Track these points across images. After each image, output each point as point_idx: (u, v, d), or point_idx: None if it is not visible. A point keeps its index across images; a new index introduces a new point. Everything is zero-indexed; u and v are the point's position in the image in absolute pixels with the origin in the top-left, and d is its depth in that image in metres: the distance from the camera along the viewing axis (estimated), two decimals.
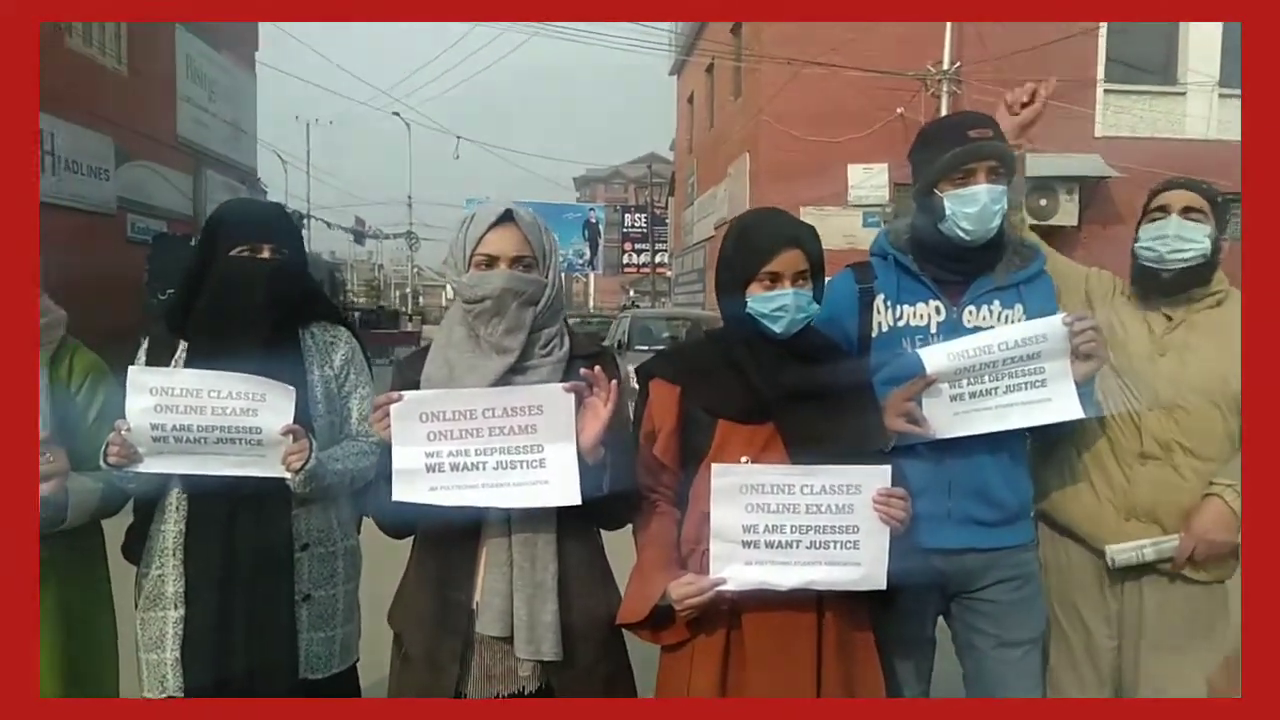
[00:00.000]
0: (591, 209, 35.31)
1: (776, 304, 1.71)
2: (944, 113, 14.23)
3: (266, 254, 1.93)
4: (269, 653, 1.88)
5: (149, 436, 1.80)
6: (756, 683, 1.69)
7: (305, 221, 27.17)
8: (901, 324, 1.99)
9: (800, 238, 1.74)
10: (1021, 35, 13.14)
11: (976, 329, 1.95)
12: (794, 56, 14.28)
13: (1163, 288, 2.06)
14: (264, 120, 20.43)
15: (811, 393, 1.74)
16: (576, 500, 1.66)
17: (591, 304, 44.52)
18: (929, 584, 1.93)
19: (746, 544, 1.65)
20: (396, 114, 35.86)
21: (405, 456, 1.68)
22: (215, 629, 1.86)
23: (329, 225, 34.93)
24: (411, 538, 1.86)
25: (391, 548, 1.90)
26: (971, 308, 1.98)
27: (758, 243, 1.75)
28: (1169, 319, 2.08)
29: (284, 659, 1.89)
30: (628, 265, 36.69)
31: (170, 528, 1.90)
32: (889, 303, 2.00)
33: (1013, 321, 1.97)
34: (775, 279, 1.72)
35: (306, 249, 2.17)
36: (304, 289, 2.03)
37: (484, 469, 1.68)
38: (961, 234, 1.92)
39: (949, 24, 14.26)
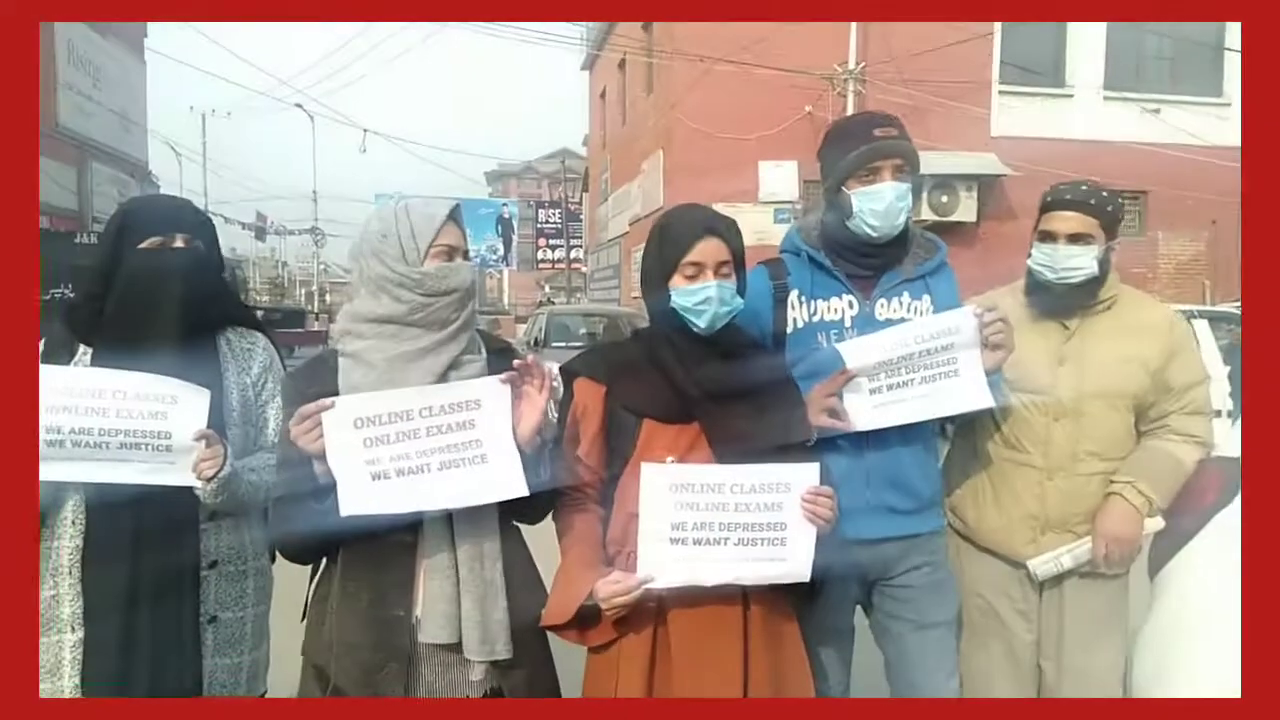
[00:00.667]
0: (505, 204, 34.86)
1: (700, 297, 1.71)
2: (850, 111, 14.62)
3: (180, 243, 1.81)
4: (171, 678, 1.77)
5: (43, 441, 1.67)
6: (684, 680, 1.68)
7: None
8: (816, 319, 2.02)
9: (718, 228, 1.75)
10: (922, 38, 13.62)
11: (889, 321, 2.00)
12: (705, 54, 14.42)
13: (1056, 301, 2.14)
14: (155, 110, 19.45)
15: (736, 392, 1.75)
16: (524, 492, 1.62)
17: (506, 300, 44.01)
18: (851, 574, 1.98)
19: (674, 541, 1.65)
20: (299, 105, 34.57)
21: (346, 467, 1.58)
22: (117, 651, 1.74)
23: (227, 221, 33.50)
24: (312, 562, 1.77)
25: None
26: (883, 300, 2.03)
27: (677, 234, 1.75)
28: (1065, 328, 2.15)
29: (186, 686, 1.79)
30: (542, 261, 36.41)
31: (66, 544, 1.77)
32: (803, 298, 2.03)
33: (921, 312, 2.02)
34: (697, 270, 1.72)
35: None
36: (220, 289, 1.94)
37: (428, 471, 1.61)
38: (869, 230, 1.96)
39: (854, 26, 14.64)
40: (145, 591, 1.75)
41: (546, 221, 35.64)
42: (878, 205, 1.94)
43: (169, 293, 1.79)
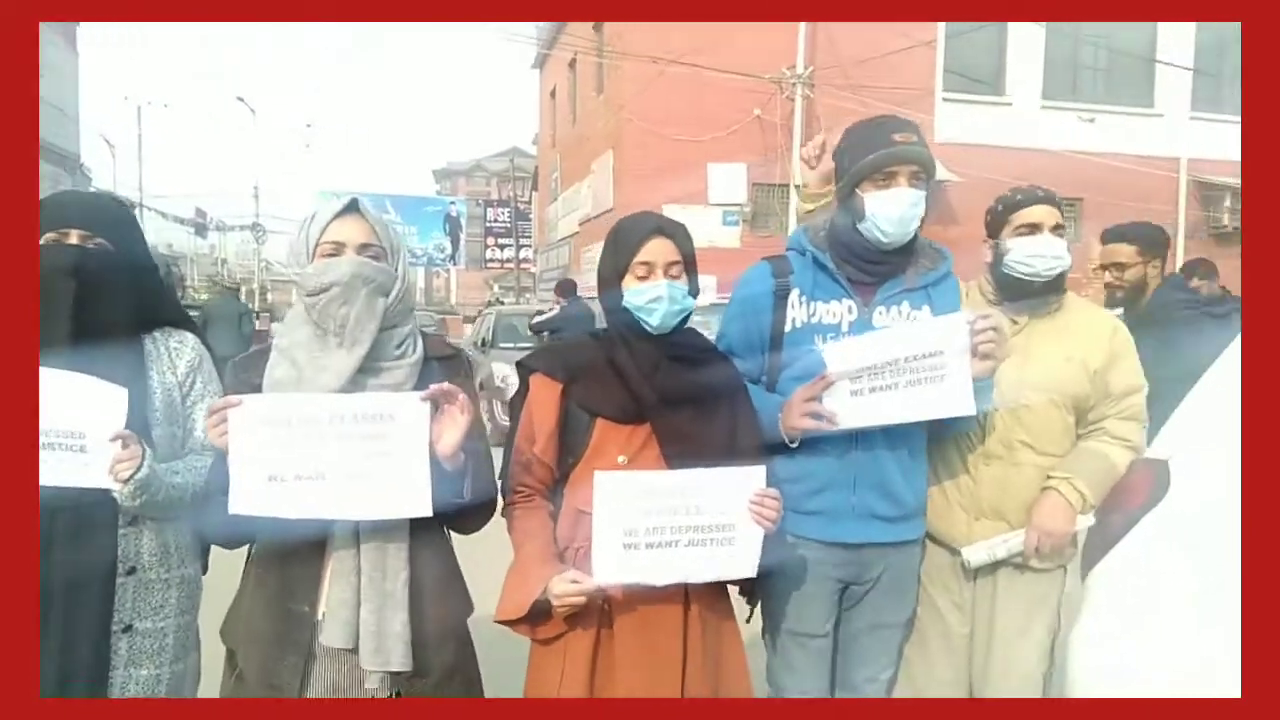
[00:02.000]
0: (452, 202, 34.52)
1: (651, 295, 1.74)
2: (798, 115, 14.83)
3: (74, 240, 1.75)
4: (74, 686, 1.69)
5: None
6: (625, 674, 1.73)
7: (138, 212, 25.23)
8: (815, 320, 2.02)
9: (669, 229, 1.79)
10: (868, 44, 13.89)
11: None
12: (655, 55, 14.48)
13: (1033, 296, 2.16)
14: (88, 101, 18.84)
15: (687, 395, 1.78)
16: (427, 512, 1.59)
17: (454, 299, 43.60)
18: (831, 578, 2.01)
19: (628, 546, 1.67)
20: (241, 99, 33.68)
21: (244, 466, 1.57)
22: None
23: (163, 216, 32.60)
24: (245, 550, 1.77)
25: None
26: (882, 308, 2.02)
27: (629, 236, 1.80)
28: (1014, 323, 2.17)
29: (90, 696, 1.71)
30: (491, 260, 36.15)
31: None
32: (804, 298, 2.03)
33: None
34: (648, 270, 1.76)
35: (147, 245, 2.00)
36: (140, 287, 1.86)
37: (330, 479, 1.58)
38: (880, 235, 1.96)
39: (801, 31, 14.85)
40: (50, 593, 1.67)
41: (495, 220, 35.40)
42: (892, 211, 1.94)
43: (57, 290, 1.70)
